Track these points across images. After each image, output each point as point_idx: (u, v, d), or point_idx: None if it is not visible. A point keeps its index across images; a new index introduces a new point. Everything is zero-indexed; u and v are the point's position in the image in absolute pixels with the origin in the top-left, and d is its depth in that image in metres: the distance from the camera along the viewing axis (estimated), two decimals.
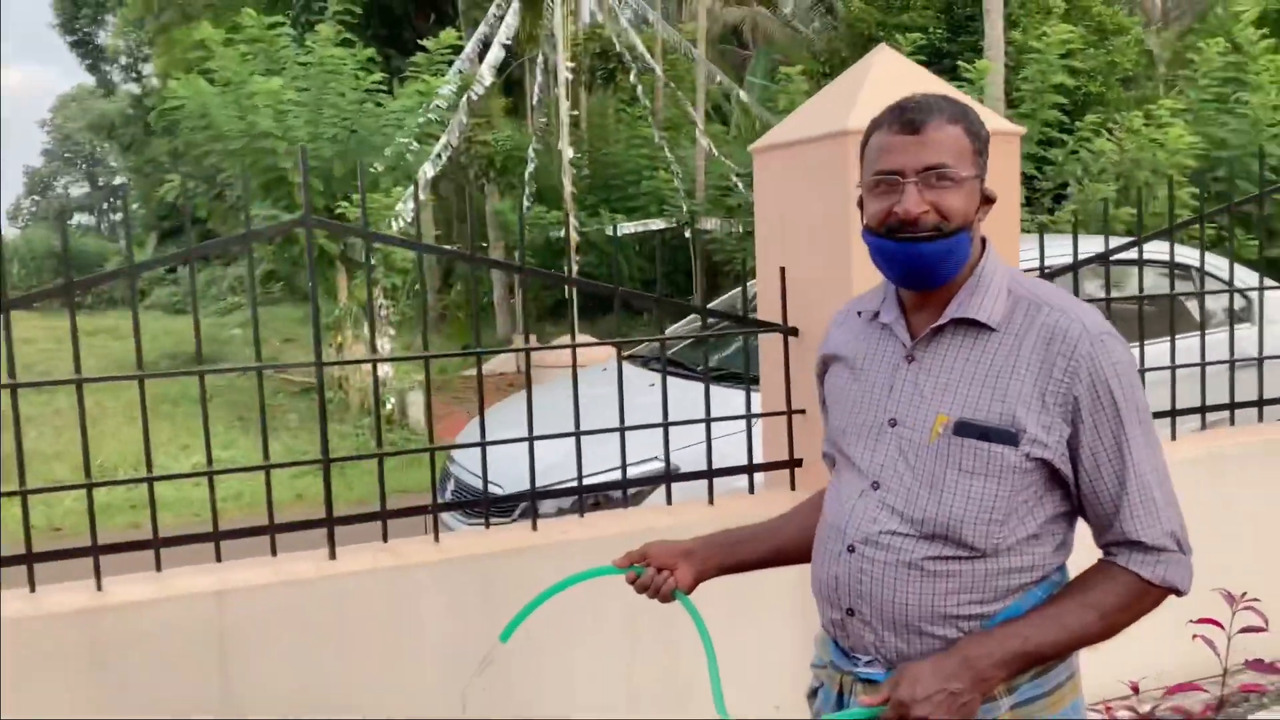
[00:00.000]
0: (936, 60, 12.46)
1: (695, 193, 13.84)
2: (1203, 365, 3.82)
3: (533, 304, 15.90)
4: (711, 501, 3.22)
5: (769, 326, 3.25)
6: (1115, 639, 1.60)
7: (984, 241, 1.70)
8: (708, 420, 3.19)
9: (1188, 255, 4.88)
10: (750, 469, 3.27)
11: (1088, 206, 9.60)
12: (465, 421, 6.65)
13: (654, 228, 13.26)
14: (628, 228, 12.84)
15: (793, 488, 3.30)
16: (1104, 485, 1.58)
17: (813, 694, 1.84)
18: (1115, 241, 3.82)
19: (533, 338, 12.48)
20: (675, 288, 14.97)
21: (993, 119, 3.11)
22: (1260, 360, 3.93)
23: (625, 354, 3.24)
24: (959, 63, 11.01)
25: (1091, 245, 3.97)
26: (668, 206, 13.59)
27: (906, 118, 1.62)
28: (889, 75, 3.11)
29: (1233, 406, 3.93)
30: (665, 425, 3.16)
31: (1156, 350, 4.00)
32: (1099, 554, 1.65)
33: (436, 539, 2.94)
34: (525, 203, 12.56)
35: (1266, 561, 3.53)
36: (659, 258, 3.31)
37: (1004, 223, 3.14)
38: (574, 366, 3.18)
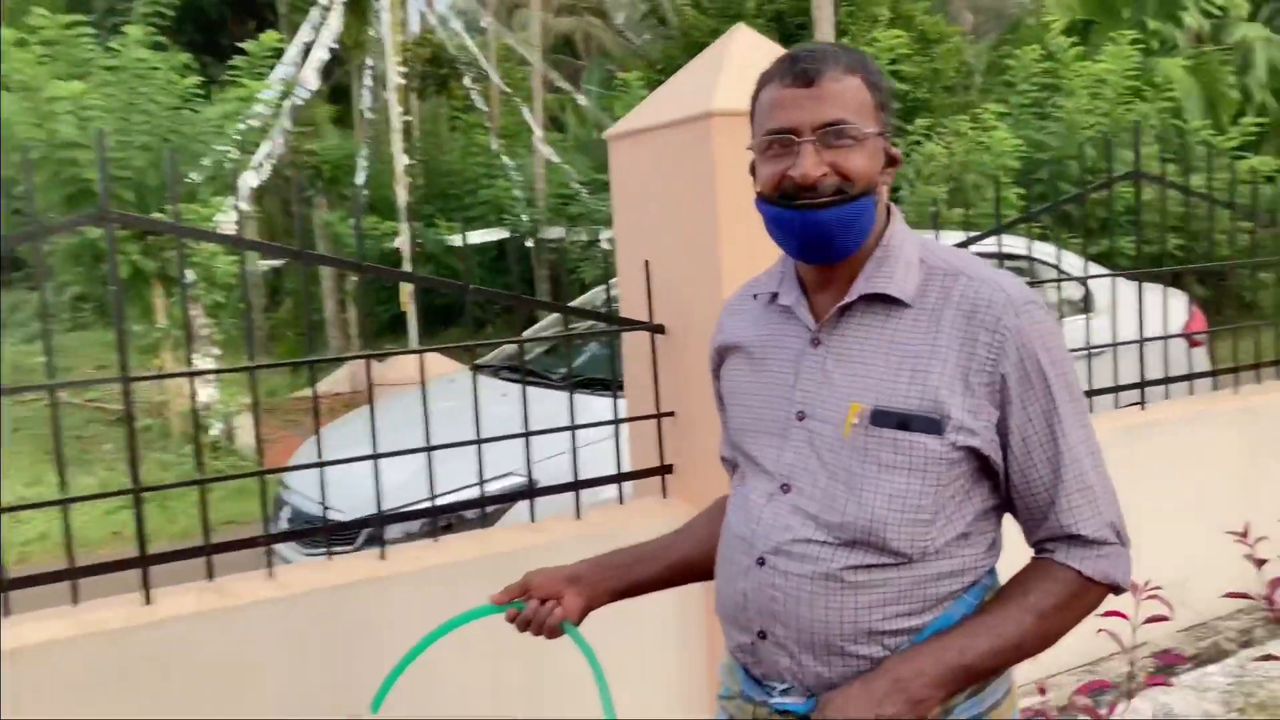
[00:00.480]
0: None
1: (535, 201, 13.57)
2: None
3: (368, 320, 15.32)
4: (579, 515, 2.97)
5: (634, 324, 3.03)
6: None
7: (889, 208, 1.52)
8: (572, 428, 2.95)
9: (1035, 251, 4.93)
10: (619, 478, 3.04)
11: (920, 208, 9.81)
12: (299, 445, 6.20)
13: (495, 237, 12.93)
14: (469, 237, 12.47)
15: (664, 495, 3.09)
16: (1037, 473, 1.41)
17: None
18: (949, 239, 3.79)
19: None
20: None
21: None
22: (1114, 346, 3.95)
23: (472, 364, 2.95)
24: None
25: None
26: (507, 216, 13.27)
27: (799, 68, 1.41)
28: (749, 55, 2.95)
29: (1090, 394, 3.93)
30: (526, 435, 2.90)
31: None
32: (1029, 552, 1.49)
33: (270, 573, 2.60)
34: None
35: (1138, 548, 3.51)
36: (520, 264, 3.06)
37: None
38: (422, 376, 2.90)
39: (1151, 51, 13.92)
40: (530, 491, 2.92)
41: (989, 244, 3.99)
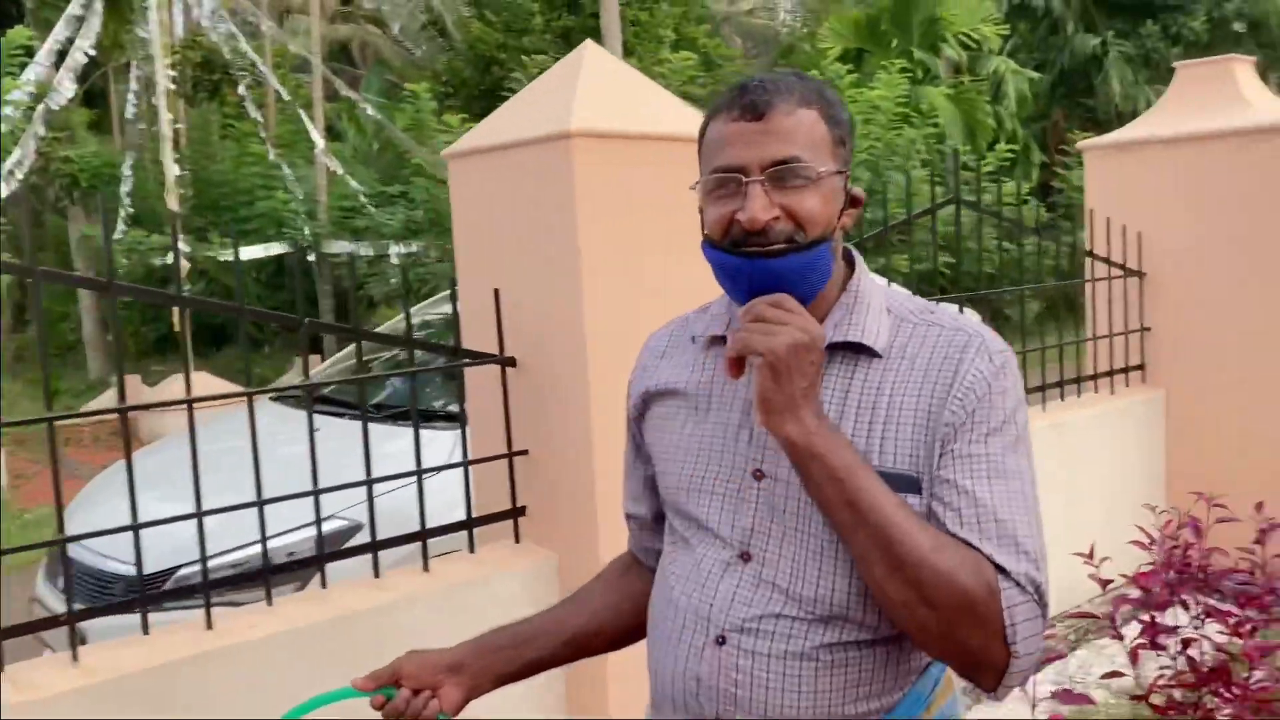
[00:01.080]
0: None
1: (317, 214, 12.91)
2: None
3: (132, 340, 14.16)
4: (426, 567, 2.73)
5: (485, 357, 2.81)
6: None
7: (851, 253, 1.40)
8: (419, 473, 2.70)
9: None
10: (470, 524, 2.81)
11: None
12: (76, 486, 5.55)
13: (274, 252, 12.21)
14: (246, 251, 11.71)
15: (516, 540, 2.89)
16: (968, 510, 1.24)
17: None
18: None
19: (138, 380, 11.00)
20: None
21: (692, 127, 2.89)
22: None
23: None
24: None
25: None
26: (287, 229, 12.56)
27: (748, 100, 1.27)
28: (603, 73, 2.81)
29: None
30: (369, 483, 2.63)
31: None
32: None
33: (74, 656, 2.23)
34: (121, 226, 11.06)
35: None
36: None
37: None
38: (250, 411, 2.54)
39: (917, 80, 14.73)
40: (374, 545, 2.65)
41: None
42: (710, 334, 1.44)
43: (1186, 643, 2.70)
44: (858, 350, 1.31)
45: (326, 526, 3.07)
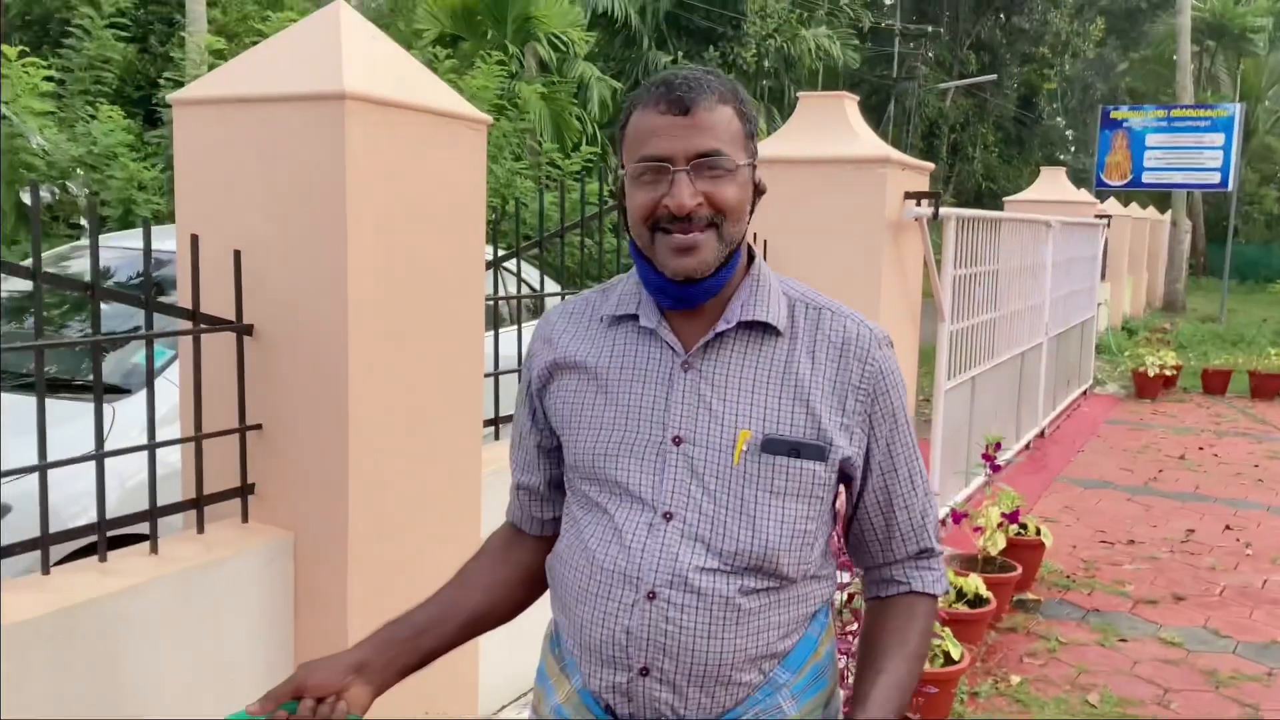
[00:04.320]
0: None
1: None
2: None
3: None
4: (155, 549, 2.49)
5: (219, 323, 2.61)
6: None
7: (748, 243, 1.56)
8: (151, 446, 2.46)
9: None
10: (200, 502, 2.59)
11: None
12: None
13: None
14: None
15: (244, 519, 2.71)
16: (895, 493, 1.53)
17: None
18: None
19: None
20: None
21: (463, 105, 2.91)
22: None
23: None
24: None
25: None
26: None
27: (675, 96, 1.41)
28: (365, 36, 2.72)
29: None
30: (99, 456, 2.35)
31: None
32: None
33: None
34: None
35: None
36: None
37: (472, 217, 2.95)
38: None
39: (512, 75, 15.10)
40: (101, 524, 2.37)
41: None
42: (618, 313, 1.53)
43: None
44: (764, 329, 1.48)
45: None
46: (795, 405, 1.45)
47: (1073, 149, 40.57)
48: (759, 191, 1.50)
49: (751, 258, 1.53)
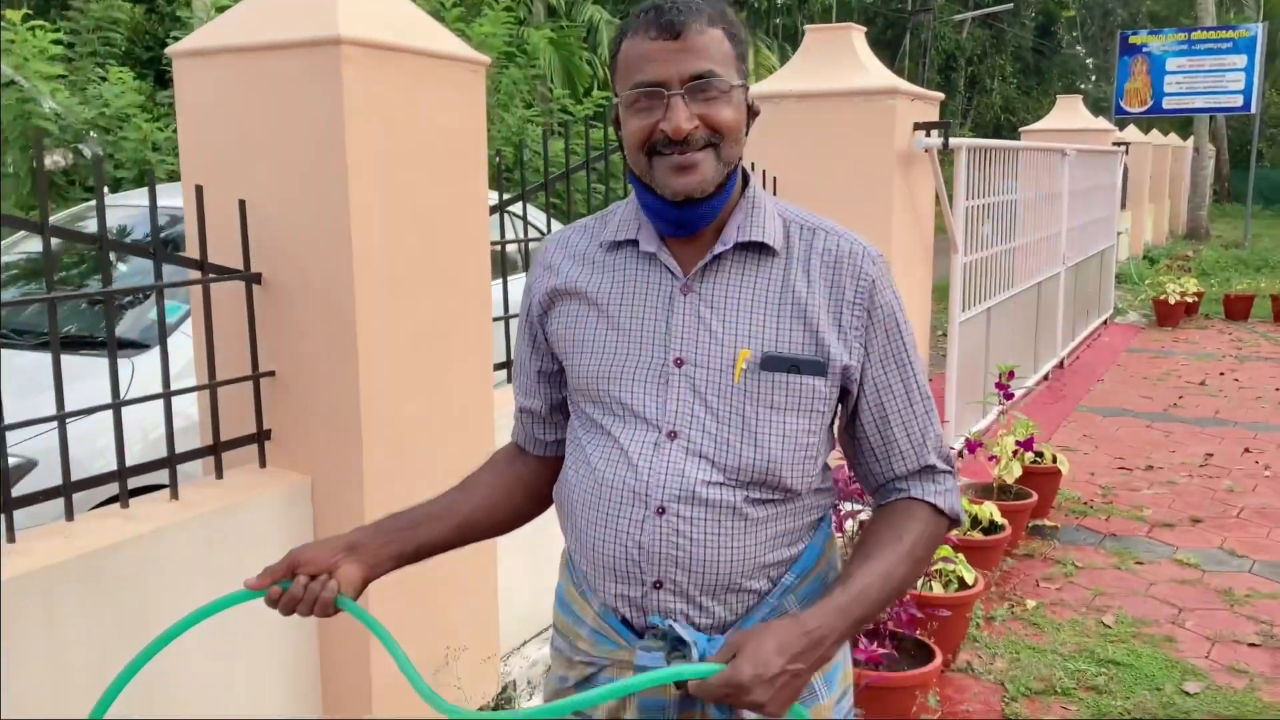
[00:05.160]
0: None
1: None
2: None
3: None
4: (175, 495, 2.55)
5: (229, 273, 2.65)
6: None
7: (742, 166, 1.57)
8: (166, 395, 2.51)
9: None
10: (217, 448, 2.65)
11: None
12: None
13: None
14: None
15: (262, 464, 2.77)
16: (892, 409, 1.54)
17: (583, 682, 1.57)
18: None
19: None
20: None
21: (461, 47, 2.91)
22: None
23: None
24: None
25: None
26: None
27: (665, 20, 1.40)
28: None
29: None
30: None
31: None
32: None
33: None
34: None
35: None
36: None
37: (474, 161, 2.97)
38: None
39: (520, 21, 14.97)
40: (122, 471, 2.43)
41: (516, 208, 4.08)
42: (617, 239, 1.55)
43: None
44: (760, 250, 1.50)
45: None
46: (793, 323, 1.47)
47: (1093, 78, 39.90)
48: (753, 113, 1.51)
49: (746, 182, 1.55)
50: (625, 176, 1.65)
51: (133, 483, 2.53)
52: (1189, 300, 11.55)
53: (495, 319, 3.24)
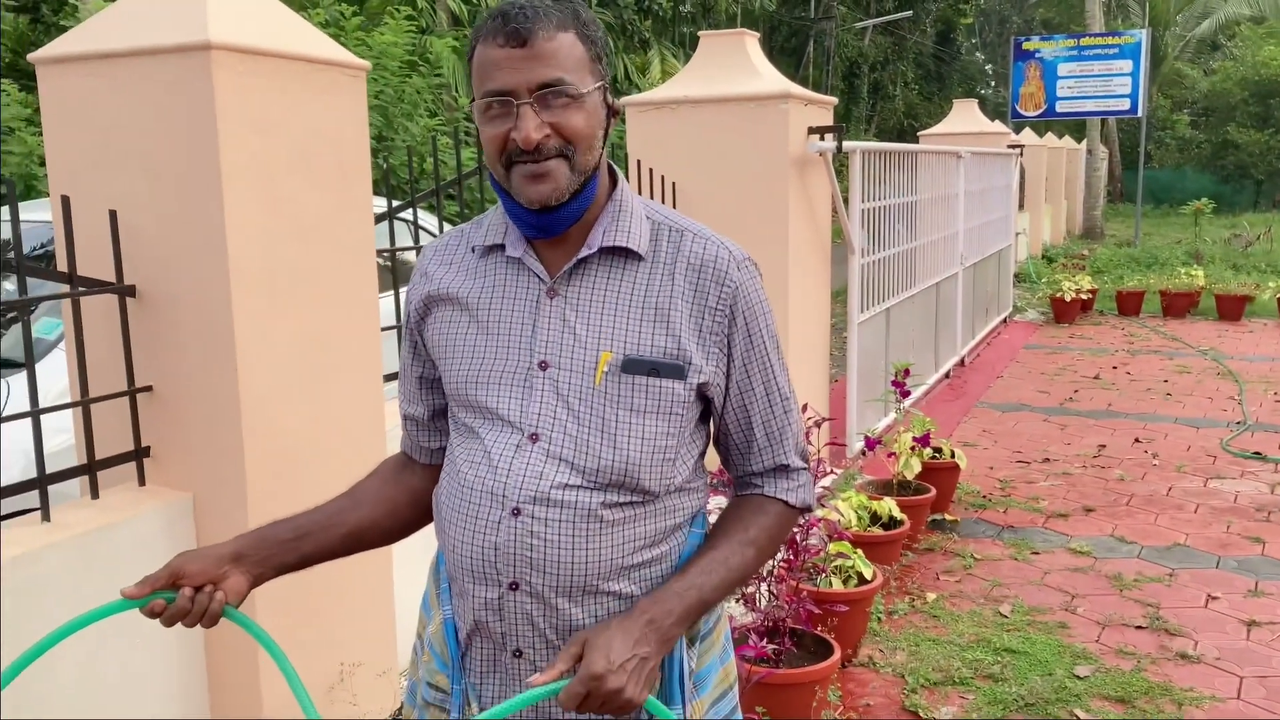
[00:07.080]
0: None
1: None
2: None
3: None
4: (47, 517, 2.46)
5: (101, 286, 2.56)
6: None
7: (611, 166, 1.57)
8: (35, 413, 2.42)
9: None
10: (91, 467, 2.57)
11: None
12: None
13: None
14: None
15: (142, 483, 2.69)
16: (754, 411, 1.57)
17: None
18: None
19: None
20: None
21: (338, 51, 2.87)
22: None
23: None
24: None
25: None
26: None
27: (511, 28, 1.40)
28: None
29: None
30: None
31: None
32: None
33: None
34: None
35: None
36: None
37: (356, 168, 2.92)
38: None
39: (423, 30, 14.86)
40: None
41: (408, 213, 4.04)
42: (487, 244, 1.54)
43: None
44: (623, 255, 1.50)
45: None
46: (655, 326, 1.48)
47: (992, 83, 41.00)
48: (614, 113, 1.51)
49: (615, 183, 1.55)
50: (489, 182, 1.66)
51: (7, 505, 2.44)
52: (1084, 297, 11.92)
53: (387, 329, 3.20)
